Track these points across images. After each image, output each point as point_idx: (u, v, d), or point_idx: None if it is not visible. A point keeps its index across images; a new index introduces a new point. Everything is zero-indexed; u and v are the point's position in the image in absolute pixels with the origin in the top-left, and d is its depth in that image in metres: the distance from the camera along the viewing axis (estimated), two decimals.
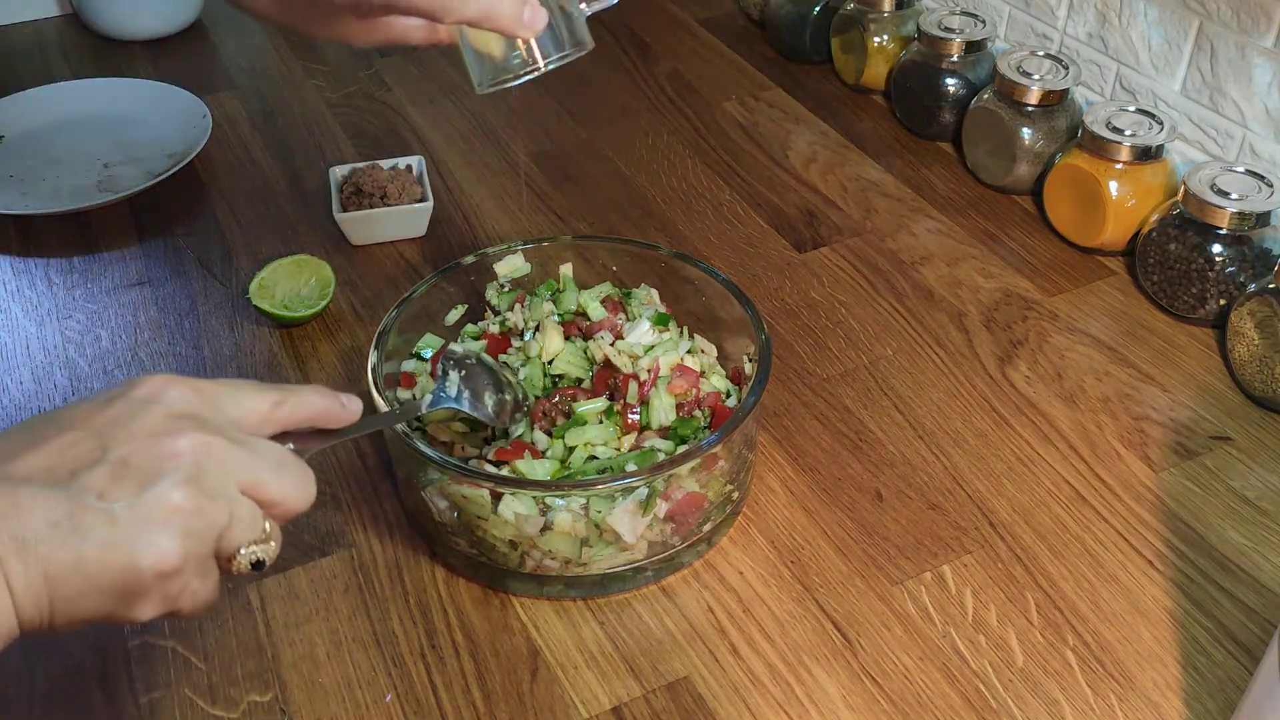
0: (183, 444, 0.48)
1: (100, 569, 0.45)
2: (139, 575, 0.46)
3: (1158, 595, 0.73)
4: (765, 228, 1.05)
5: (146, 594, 0.47)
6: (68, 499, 0.45)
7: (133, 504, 0.46)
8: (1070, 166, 0.99)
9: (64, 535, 0.45)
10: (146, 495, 0.47)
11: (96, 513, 0.46)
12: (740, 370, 0.80)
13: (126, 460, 0.47)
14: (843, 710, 0.67)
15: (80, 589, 0.45)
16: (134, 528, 0.46)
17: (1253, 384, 0.86)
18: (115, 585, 0.46)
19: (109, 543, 0.46)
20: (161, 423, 0.49)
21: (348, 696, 0.68)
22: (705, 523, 0.74)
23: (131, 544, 0.46)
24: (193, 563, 0.48)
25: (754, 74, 1.28)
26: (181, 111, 1.18)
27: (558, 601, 0.73)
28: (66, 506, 0.45)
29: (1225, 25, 0.95)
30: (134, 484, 0.47)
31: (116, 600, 0.47)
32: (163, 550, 0.46)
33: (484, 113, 1.22)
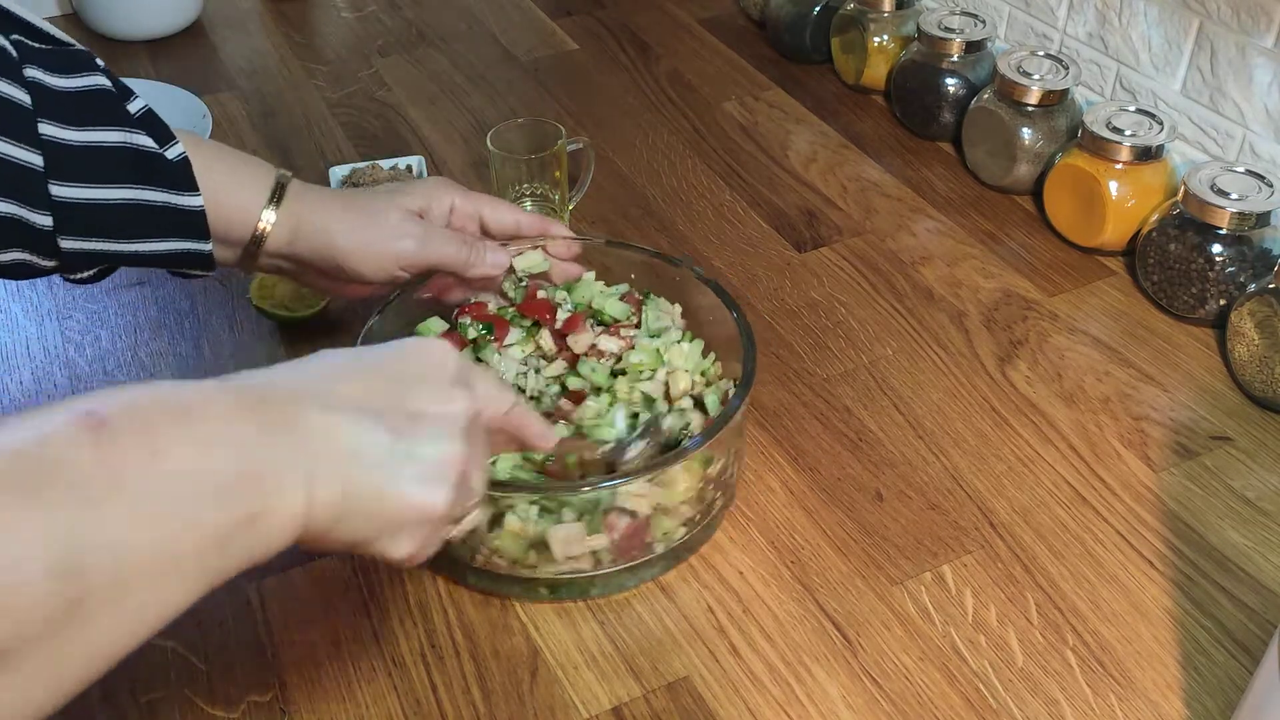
0: (459, 408, 0.54)
1: (384, 497, 0.51)
2: (414, 512, 0.52)
3: (1158, 595, 0.73)
4: (765, 228, 1.05)
5: (409, 531, 0.53)
6: (372, 430, 0.51)
7: (420, 450, 0.52)
8: (1070, 166, 0.99)
9: (364, 460, 0.50)
10: (432, 447, 0.52)
11: (392, 448, 0.51)
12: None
13: (418, 411, 0.53)
14: (843, 710, 0.67)
15: (362, 512, 0.50)
16: (419, 471, 0.52)
17: (1253, 384, 0.86)
18: (390, 516, 0.52)
19: (397, 478, 0.51)
20: (444, 385, 0.55)
21: (348, 696, 0.68)
22: (672, 537, 0.73)
23: (415, 484, 0.52)
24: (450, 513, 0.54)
25: (754, 74, 1.28)
26: (181, 111, 1.18)
27: (558, 603, 0.73)
28: (371, 436, 0.51)
29: (1225, 25, 0.95)
30: (424, 433, 0.52)
31: (385, 529, 0.52)
32: (438, 496, 0.52)
33: (484, 112, 1.22)
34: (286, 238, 0.77)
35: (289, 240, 0.77)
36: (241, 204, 0.76)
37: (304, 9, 1.43)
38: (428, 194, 0.82)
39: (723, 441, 0.72)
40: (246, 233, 0.76)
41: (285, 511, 0.47)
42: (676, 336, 0.81)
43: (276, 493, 0.46)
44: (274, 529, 0.47)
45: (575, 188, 1.05)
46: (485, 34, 1.38)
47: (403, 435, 0.52)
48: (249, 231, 0.76)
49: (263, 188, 0.77)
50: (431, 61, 1.32)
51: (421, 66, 1.31)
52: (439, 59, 1.32)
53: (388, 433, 0.51)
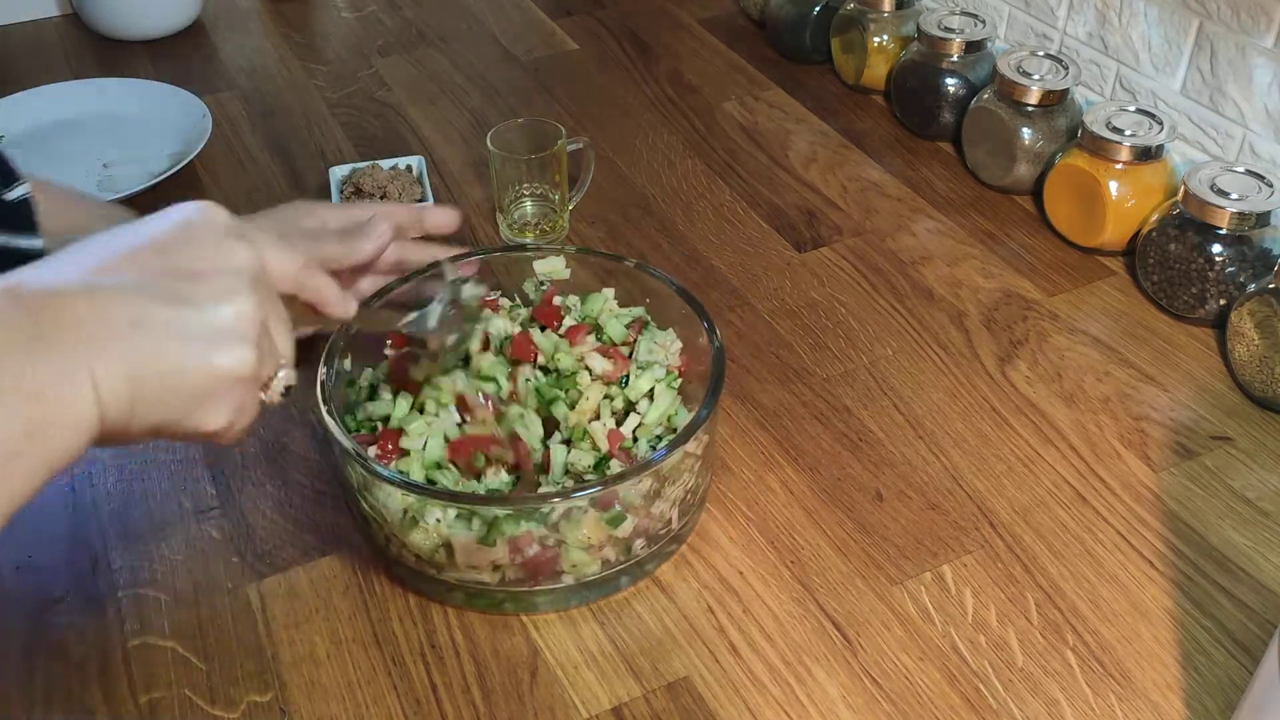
0: (240, 260, 0.51)
1: (179, 369, 0.48)
2: (216, 377, 0.49)
3: (1158, 595, 0.73)
4: (765, 228, 1.05)
5: (218, 398, 0.50)
6: (147, 301, 0.48)
7: (209, 310, 0.49)
8: (1070, 166, 0.99)
9: (147, 334, 0.47)
10: (221, 304, 0.49)
11: (175, 315, 0.48)
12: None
13: (197, 272, 0.50)
14: (843, 710, 0.67)
15: (159, 389, 0.48)
16: (212, 332, 0.49)
17: (1253, 384, 0.86)
18: (192, 387, 0.49)
19: (189, 344, 0.48)
20: (219, 240, 0.51)
21: (348, 696, 0.68)
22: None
23: (211, 346, 0.49)
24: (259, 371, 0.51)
25: (754, 74, 1.28)
26: (181, 111, 1.18)
27: (491, 614, 0.72)
28: (147, 308, 0.47)
29: (1225, 25, 0.95)
30: (207, 292, 0.49)
31: (191, 402, 0.49)
32: (240, 355, 0.49)
33: (484, 112, 1.22)
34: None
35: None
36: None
37: (304, 9, 1.43)
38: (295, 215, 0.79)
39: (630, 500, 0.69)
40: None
41: (72, 412, 0.45)
42: (660, 375, 0.78)
43: (59, 399, 0.44)
44: (65, 434, 0.44)
45: (575, 188, 1.05)
46: (485, 34, 1.38)
47: (185, 299, 0.49)
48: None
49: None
50: (431, 61, 1.32)
51: (421, 66, 1.31)
52: (439, 59, 1.32)
53: (167, 301, 0.48)
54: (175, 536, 0.77)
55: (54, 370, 0.44)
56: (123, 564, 0.75)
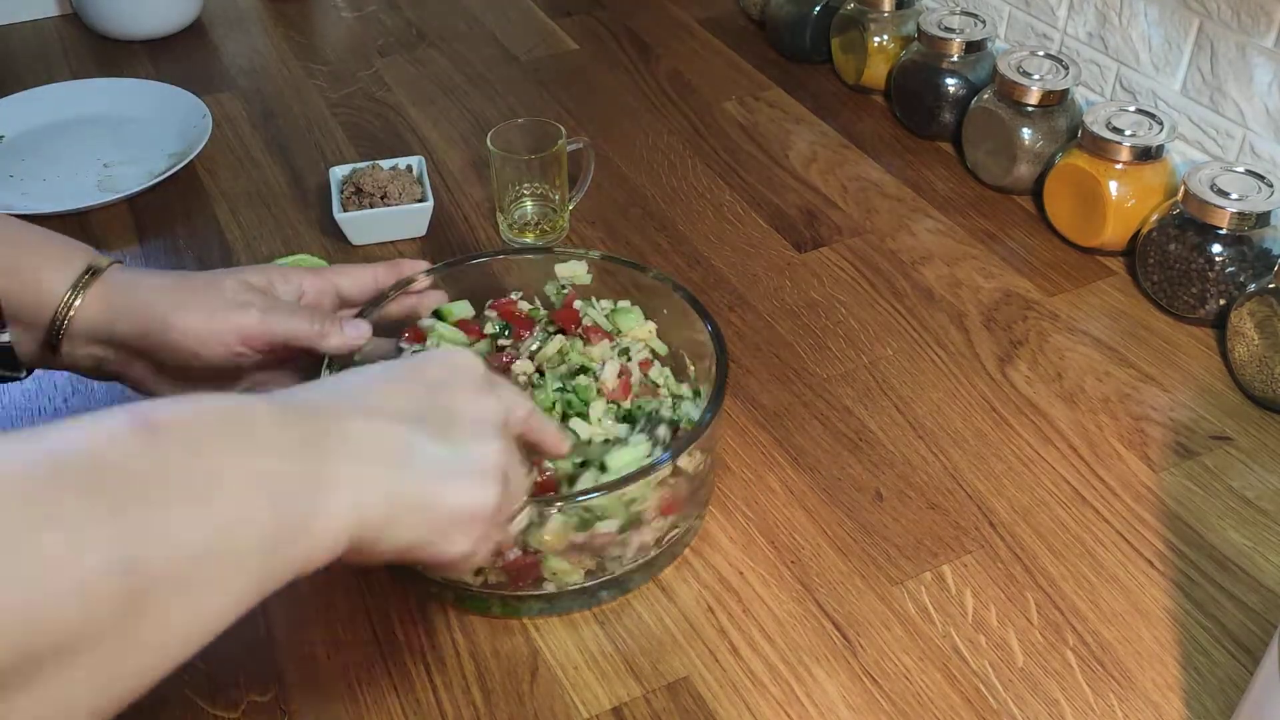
0: (495, 407, 0.55)
1: (435, 500, 0.51)
2: (465, 511, 0.52)
3: (1158, 595, 0.73)
4: (765, 228, 1.05)
5: (464, 530, 0.53)
6: (415, 434, 0.51)
7: (465, 450, 0.53)
8: (1070, 166, 0.99)
9: (410, 464, 0.50)
10: (475, 446, 0.53)
11: (438, 451, 0.52)
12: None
13: (459, 414, 0.54)
14: (843, 710, 0.67)
15: (413, 516, 0.51)
16: (467, 470, 0.52)
17: (1253, 384, 0.86)
18: (443, 518, 0.52)
19: (445, 478, 0.52)
20: (478, 387, 0.56)
21: (348, 696, 0.68)
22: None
23: (464, 483, 0.52)
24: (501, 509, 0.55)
25: (754, 74, 1.28)
26: (181, 111, 1.18)
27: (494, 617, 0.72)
28: (414, 440, 0.51)
29: (1225, 25, 0.95)
30: (466, 434, 0.53)
31: (438, 531, 0.52)
32: (486, 496, 0.53)
33: (484, 112, 1.22)
34: (104, 321, 0.70)
35: (107, 323, 0.70)
36: (40, 284, 0.69)
37: (304, 9, 1.43)
38: (269, 273, 0.77)
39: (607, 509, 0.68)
40: (46, 317, 0.69)
41: (334, 517, 0.47)
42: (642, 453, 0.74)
43: (326, 497, 0.46)
44: (325, 533, 0.47)
45: (575, 188, 1.05)
46: (485, 34, 1.38)
47: (444, 437, 0.52)
48: (48, 315, 0.69)
49: (69, 269, 0.70)
50: (431, 61, 1.32)
51: (421, 66, 1.31)
52: (439, 59, 1.32)
53: (429, 436, 0.51)
54: None
55: (322, 479, 0.47)
56: None
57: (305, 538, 0.46)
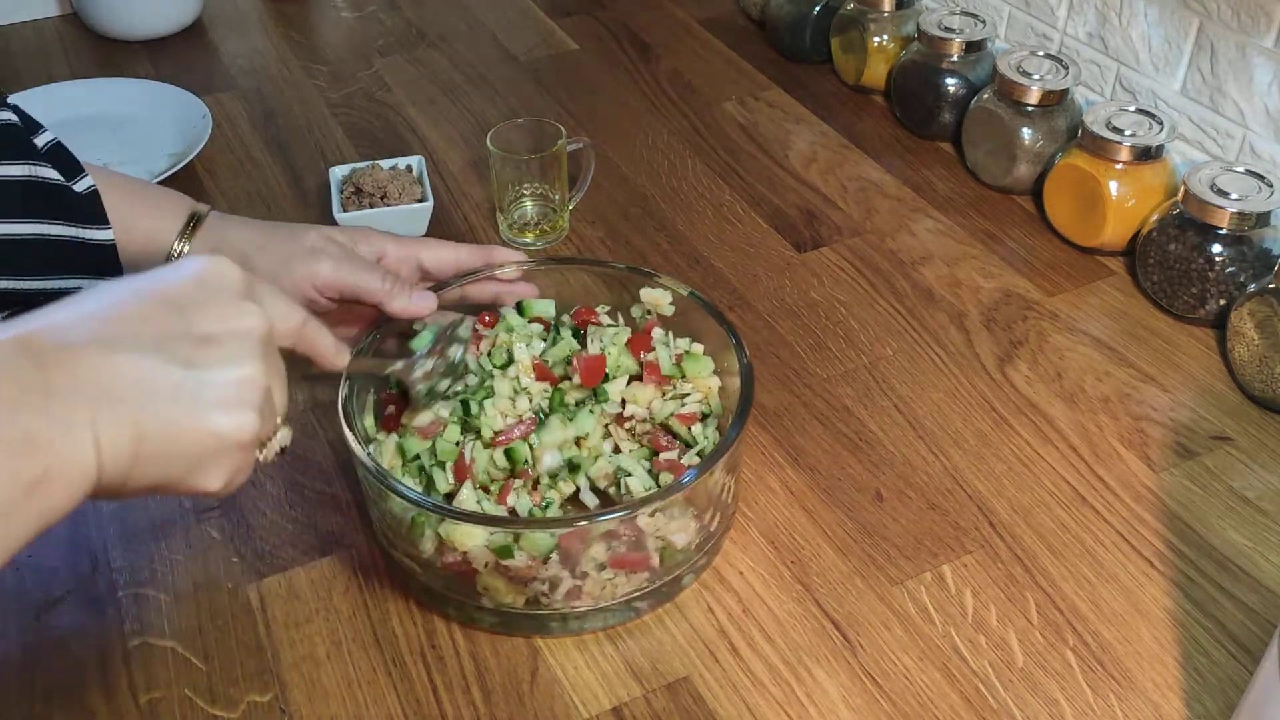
0: (250, 324, 0.52)
1: (182, 432, 0.48)
2: (220, 441, 0.49)
3: (1158, 595, 0.73)
4: (765, 228, 1.05)
5: (218, 461, 0.50)
6: (158, 363, 0.48)
7: (216, 375, 0.49)
8: (1070, 166, 0.99)
9: (154, 396, 0.47)
10: (228, 369, 0.50)
11: (183, 379, 0.48)
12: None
13: (207, 334, 0.50)
14: (843, 710, 0.67)
15: (161, 451, 0.48)
16: (218, 397, 0.49)
17: (1253, 384, 0.86)
18: (195, 449, 0.49)
19: (194, 408, 0.48)
20: (232, 302, 0.52)
21: (348, 696, 0.68)
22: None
23: (215, 412, 0.49)
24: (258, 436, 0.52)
25: (754, 74, 1.28)
26: (181, 111, 1.18)
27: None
28: (157, 369, 0.48)
29: (1225, 25, 0.95)
30: (216, 356, 0.50)
31: (191, 464, 0.49)
32: (242, 420, 0.50)
33: (484, 112, 1.22)
34: None
35: None
36: (153, 235, 0.74)
37: (304, 9, 1.43)
38: (354, 234, 0.80)
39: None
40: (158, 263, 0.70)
41: (72, 469, 0.45)
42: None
43: (58, 452, 0.44)
44: (61, 489, 0.45)
45: (575, 188, 1.05)
46: (485, 34, 1.38)
47: (195, 363, 0.49)
48: (160, 261, 0.73)
49: (176, 218, 0.75)
50: (431, 61, 1.32)
51: (421, 66, 1.31)
52: (439, 59, 1.32)
53: (178, 363, 0.49)
54: (175, 536, 0.77)
55: (58, 425, 0.44)
56: (123, 564, 0.75)
57: (39, 501, 0.44)
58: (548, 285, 0.85)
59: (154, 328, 0.49)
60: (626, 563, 0.68)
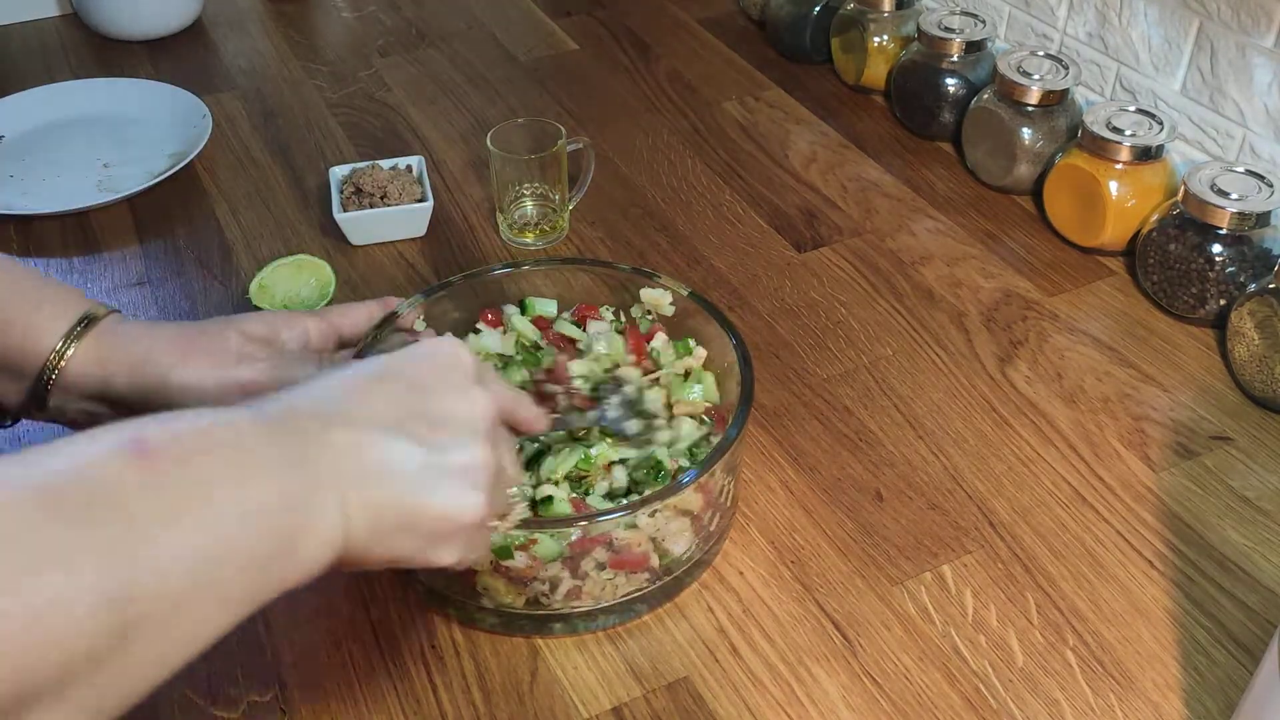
0: (481, 409, 0.54)
1: (419, 510, 0.51)
2: (450, 521, 0.52)
3: (1158, 595, 0.73)
4: (765, 228, 1.05)
5: (452, 538, 0.52)
6: (397, 443, 0.50)
7: (450, 456, 0.52)
8: (1070, 166, 0.99)
9: (394, 473, 0.50)
10: (461, 452, 0.52)
11: (421, 459, 0.51)
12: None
13: (442, 416, 0.52)
14: (843, 710, 0.67)
15: (398, 525, 0.50)
16: (451, 479, 0.51)
17: (1253, 384, 0.86)
18: (428, 527, 0.51)
19: (430, 488, 0.51)
20: (464, 385, 0.54)
21: (348, 696, 0.68)
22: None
23: (449, 493, 0.51)
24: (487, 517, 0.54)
25: (754, 74, 1.28)
26: (181, 111, 1.18)
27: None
28: (395, 450, 0.50)
29: (1225, 25, 0.95)
30: (449, 440, 0.52)
31: (425, 540, 0.52)
32: (471, 502, 0.52)
33: (484, 112, 1.22)
34: (98, 375, 0.67)
35: (102, 378, 0.67)
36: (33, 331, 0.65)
37: (304, 9, 1.43)
38: (272, 321, 0.75)
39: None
40: (35, 366, 0.66)
41: (322, 533, 0.47)
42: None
43: (312, 516, 0.46)
44: (312, 550, 0.47)
45: (575, 188, 1.05)
46: (485, 34, 1.38)
47: (430, 444, 0.51)
48: (37, 365, 0.66)
49: (65, 317, 0.66)
50: (431, 61, 1.32)
51: (421, 66, 1.31)
52: (439, 59, 1.32)
53: (415, 443, 0.51)
54: None
55: (310, 485, 0.47)
56: None
57: (291, 558, 0.46)
58: (549, 285, 0.85)
59: (394, 408, 0.52)
60: (626, 563, 0.68)
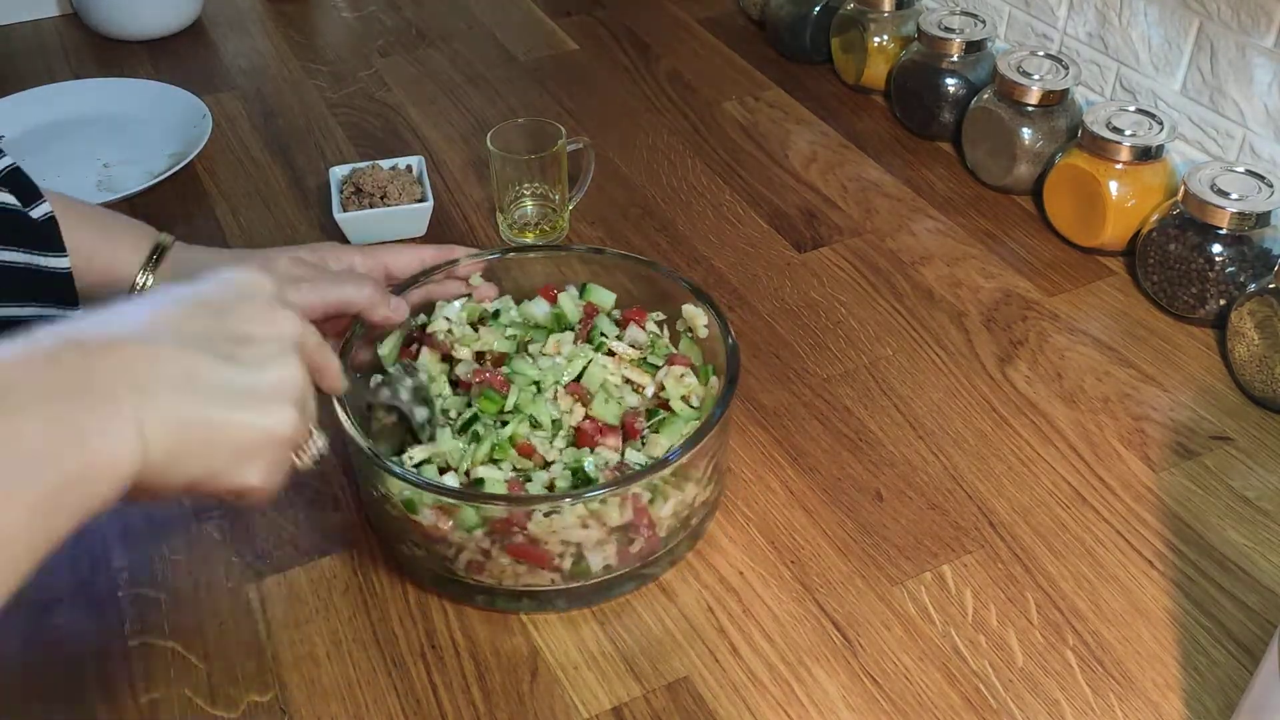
0: (287, 328, 0.54)
1: (225, 424, 0.49)
2: (261, 435, 0.51)
3: (1158, 595, 0.73)
4: (765, 228, 1.05)
5: (258, 456, 0.51)
6: (200, 357, 0.49)
7: (257, 372, 0.51)
8: (1070, 166, 0.99)
9: (197, 389, 0.48)
10: (268, 368, 0.51)
11: (226, 373, 0.49)
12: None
13: (248, 335, 0.52)
14: (843, 710, 0.67)
15: (203, 442, 0.49)
16: (259, 392, 0.51)
17: (1253, 384, 0.86)
18: (235, 442, 0.50)
19: (237, 402, 0.50)
20: (268, 305, 0.54)
21: (348, 696, 0.68)
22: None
23: (257, 406, 0.50)
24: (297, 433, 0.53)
25: (754, 74, 1.28)
26: (181, 111, 1.18)
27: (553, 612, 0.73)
28: (199, 363, 0.49)
29: (1225, 25, 0.95)
30: (257, 355, 0.51)
31: (231, 458, 0.50)
32: (283, 416, 0.51)
33: (484, 112, 1.22)
34: None
35: None
36: (113, 266, 0.72)
37: (304, 9, 1.43)
38: (321, 252, 0.79)
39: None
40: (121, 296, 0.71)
41: (115, 462, 0.45)
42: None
43: (102, 445, 0.45)
44: (104, 481, 0.45)
45: (575, 188, 1.05)
46: (485, 34, 1.38)
47: (235, 360, 0.50)
48: (124, 295, 0.71)
49: (139, 249, 0.73)
50: (431, 61, 1.32)
51: (421, 66, 1.31)
52: (439, 59, 1.32)
53: (220, 359, 0.49)
54: (175, 536, 0.77)
55: (101, 415, 0.45)
56: (123, 564, 0.75)
57: (82, 493, 0.44)
58: (605, 276, 0.85)
59: (194, 326, 0.50)
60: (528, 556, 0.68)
